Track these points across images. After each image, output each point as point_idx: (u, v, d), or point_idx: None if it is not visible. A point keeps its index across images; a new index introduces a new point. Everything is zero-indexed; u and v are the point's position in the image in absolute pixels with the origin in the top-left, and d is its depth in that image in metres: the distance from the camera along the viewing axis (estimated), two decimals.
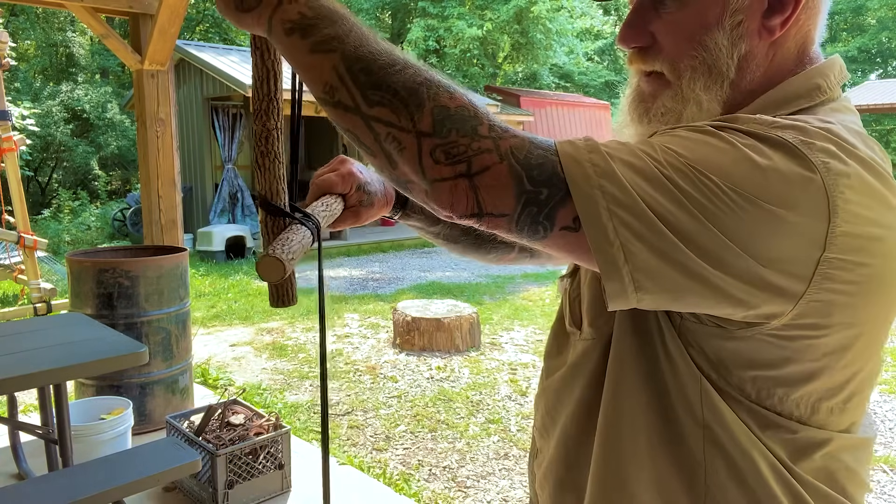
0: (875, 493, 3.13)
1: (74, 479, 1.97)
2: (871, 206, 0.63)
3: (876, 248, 0.64)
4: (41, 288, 5.00)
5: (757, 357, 0.68)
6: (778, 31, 0.72)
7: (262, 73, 0.81)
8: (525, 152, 0.62)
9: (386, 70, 0.64)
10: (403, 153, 0.63)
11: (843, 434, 0.73)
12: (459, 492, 3.13)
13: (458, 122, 0.62)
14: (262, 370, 4.99)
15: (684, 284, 0.61)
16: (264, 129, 0.81)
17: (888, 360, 5.08)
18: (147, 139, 3.94)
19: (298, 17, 0.67)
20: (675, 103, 0.75)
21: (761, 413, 0.69)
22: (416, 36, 17.00)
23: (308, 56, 0.67)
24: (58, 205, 13.34)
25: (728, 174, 0.60)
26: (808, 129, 0.64)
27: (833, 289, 0.63)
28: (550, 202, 0.61)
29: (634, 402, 0.74)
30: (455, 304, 5.85)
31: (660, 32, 0.75)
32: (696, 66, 0.73)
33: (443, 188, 0.63)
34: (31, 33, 18.20)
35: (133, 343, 2.30)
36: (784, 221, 0.60)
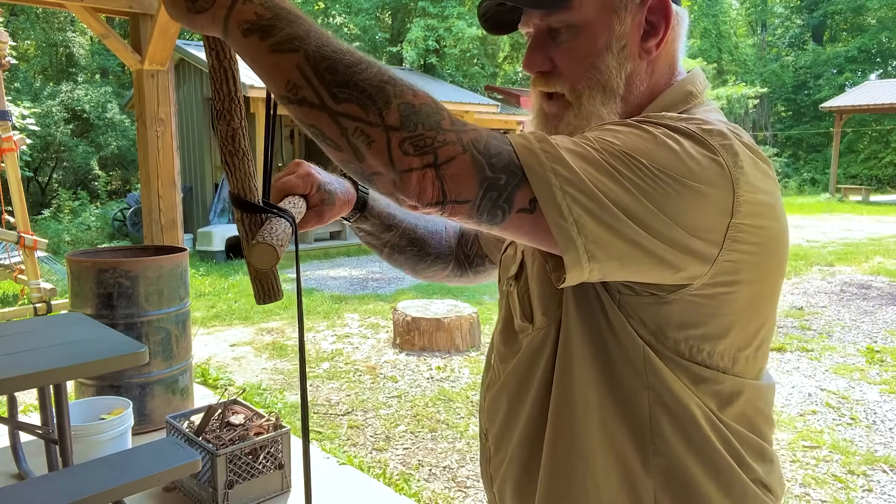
0: (875, 493, 3.13)
1: (74, 479, 1.97)
2: (759, 177, 0.76)
3: (769, 212, 0.77)
4: (41, 288, 4.99)
5: (687, 318, 0.78)
6: (654, 51, 0.85)
7: (219, 74, 0.81)
8: (484, 143, 0.68)
9: (352, 69, 0.67)
10: (372, 146, 0.66)
11: (755, 382, 0.85)
12: (459, 492, 3.13)
13: (423, 116, 0.67)
14: (262, 370, 4.99)
15: (627, 252, 0.70)
16: (229, 128, 0.81)
17: (888, 360, 5.08)
18: (147, 139, 3.94)
19: (255, 18, 0.68)
20: (578, 120, 0.85)
21: (694, 369, 0.81)
22: (416, 36, 17.01)
23: (269, 56, 0.68)
24: (58, 205, 13.34)
25: (653, 158, 0.71)
26: (703, 121, 0.76)
27: (740, 249, 0.75)
28: (509, 187, 0.68)
29: (584, 374, 0.83)
30: (455, 304, 5.85)
31: (558, 58, 0.86)
32: (593, 86, 0.84)
33: (411, 178, 0.67)
34: (31, 33, 18.20)
35: (133, 343, 2.30)
36: (701, 195, 0.71)
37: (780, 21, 32.06)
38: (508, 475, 0.93)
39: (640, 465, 0.82)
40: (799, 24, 30.67)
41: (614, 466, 0.83)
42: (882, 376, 4.74)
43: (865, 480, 3.25)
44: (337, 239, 11.26)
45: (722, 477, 0.83)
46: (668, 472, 0.82)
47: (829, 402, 4.26)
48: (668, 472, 0.82)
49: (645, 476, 0.82)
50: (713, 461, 0.82)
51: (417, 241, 1.18)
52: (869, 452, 3.54)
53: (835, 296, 7.30)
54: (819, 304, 6.95)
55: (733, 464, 0.83)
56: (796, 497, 3.10)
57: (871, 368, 4.91)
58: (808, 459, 3.47)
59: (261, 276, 0.80)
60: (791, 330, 5.98)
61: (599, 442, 0.83)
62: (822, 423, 3.94)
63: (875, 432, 3.81)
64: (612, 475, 0.83)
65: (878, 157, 25.06)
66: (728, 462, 0.83)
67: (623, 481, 0.83)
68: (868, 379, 4.69)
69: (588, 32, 0.83)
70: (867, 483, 3.23)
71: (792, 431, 3.82)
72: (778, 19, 32.19)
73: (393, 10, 20.62)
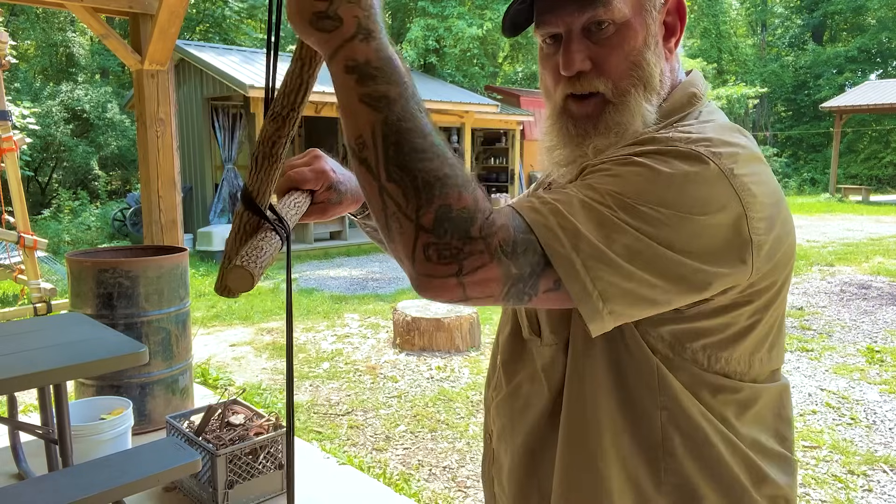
0: (875, 493, 3.13)
1: (74, 479, 1.97)
2: (764, 193, 0.77)
3: (776, 222, 0.78)
4: (41, 288, 4.99)
5: (704, 327, 0.80)
6: (673, 51, 0.89)
7: (295, 83, 0.79)
8: (512, 242, 0.68)
9: (415, 154, 0.66)
10: (402, 237, 0.67)
11: (770, 385, 0.87)
12: (459, 492, 3.13)
13: (455, 223, 0.66)
14: (262, 370, 4.99)
15: (656, 299, 0.73)
16: (276, 133, 0.80)
17: (888, 360, 5.08)
18: (147, 139, 3.94)
19: (363, 61, 0.68)
20: (621, 116, 0.84)
21: (712, 379, 0.82)
22: (416, 35, 17.00)
23: (356, 103, 0.68)
24: (58, 205, 13.34)
25: (664, 201, 0.72)
26: (713, 140, 0.77)
27: (763, 259, 0.77)
28: (534, 276, 0.70)
29: (597, 392, 0.84)
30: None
31: (599, 57, 0.84)
32: (637, 84, 0.84)
33: (429, 283, 0.68)
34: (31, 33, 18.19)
35: (133, 343, 2.30)
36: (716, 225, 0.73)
37: (780, 21, 32.05)
38: (510, 481, 0.94)
39: (651, 485, 0.83)
40: (799, 24, 30.65)
41: (627, 486, 0.84)
42: (882, 376, 4.74)
43: (865, 480, 3.25)
44: (337, 239, 11.26)
45: (732, 496, 0.83)
46: (679, 490, 0.82)
47: (829, 402, 4.26)
48: (679, 491, 0.82)
49: (656, 495, 0.83)
50: (724, 480, 0.83)
51: None
52: (869, 452, 3.54)
53: (835, 296, 7.30)
54: (819, 304, 6.95)
55: (745, 483, 0.83)
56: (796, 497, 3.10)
57: (871, 368, 4.91)
58: (808, 459, 3.47)
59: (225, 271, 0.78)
60: (791, 330, 5.98)
61: (612, 461, 0.84)
62: (822, 423, 3.94)
63: (875, 432, 3.81)
64: (626, 495, 0.84)
65: (878, 157, 25.06)
66: (740, 482, 0.83)
67: (636, 500, 0.84)
68: (868, 379, 4.69)
69: (629, 29, 0.84)
70: (867, 483, 3.23)
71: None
72: (778, 19, 32.17)
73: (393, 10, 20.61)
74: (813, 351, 5.35)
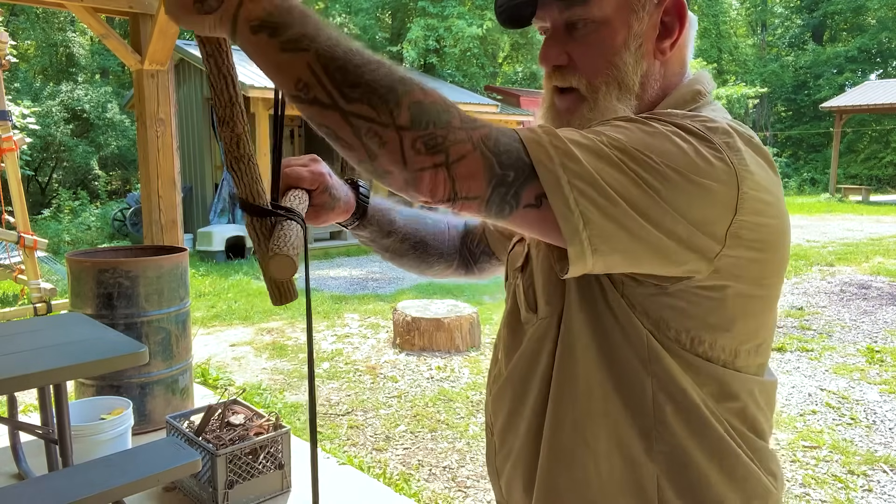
0: (875, 493, 3.13)
1: (74, 479, 1.97)
2: (762, 176, 0.77)
3: (771, 210, 0.78)
4: (41, 288, 4.99)
5: (688, 310, 0.80)
6: (668, 51, 0.87)
7: (219, 81, 0.80)
8: (493, 140, 0.69)
9: (362, 68, 0.66)
10: (385, 147, 0.67)
11: (755, 377, 0.86)
12: (459, 492, 3.13)
13: (433, 115, 0.67)
14: (262, 370, 4.99)
15: (631, 245, 0.72)
16: (233, 134, 0.81)
17: (888, 360, 5.08)
18: (147, 139, 3.94)
19: (265, 15, 0.68)
20: (593, 114, 0.85)
21: (694, 361, 0.82)
22: (416, 35, 17.00)
23: (278, 54, 0.68)
24: (58, 205, 13.35)
25: (661, 153, 0.72)
26: (709, 119, 0.78)
27: (742, 245, 0.76)
28: (517, 183, 0.70)
29: (587, 362, 0.84)
30: (455, 304, 5.85)
31: (575, 53, 0.86)
32: (609, 82, 0.85)
33: (423, 177, 0.68)
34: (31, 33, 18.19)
35: (133, 343, 2.30)
36: (707, 191, 0.72)
37: (780, 21, 32.05)
38: (517, 468, 0.94)
39: (642, 452, 0.83)
40: (799, 24, 30.65)
41: (617, 453, 0.84)
42: (882, 376, 4.74)
43: (865, 480, 3.25)
44: (337, 239, 11.25)
45: (726, 462, 0.84)
46: (670, 458, 0.83)
47: (829, 402, 4.26)
48: (670, 459, 0.83)
49: (648, 462, 0.83)
50: (716, 447, 0.83)
51: (419, 245, 1.18)
52: (869, 452, 3.54)
53: (835, 296, 7.30)
54: (819, 304, 6.95)
55: (737, 449, 0.84)
56: (796, 497, 3.10)
57: (871, 368, 4.91)
58: (808, 459, 3.47)
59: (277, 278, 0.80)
60: (791, 330, 5.98)
61: (602, 429, 0.84)
62: (822, 423, 3.94)
63: (875, 432, 3.81)
64: (615, 461, 0.84)
65: (878, 157, 25.06)
66: (731, 447, 0.84)
67: (625, 467, 0.84)
68: (868, 379, 4.69)
69: (607, 29, 0.85)
70: (867, 483, 3.23)
71: (792, 431, 3.82)
72: (778, 19, 32.17)
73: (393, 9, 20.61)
74: (813, 351, 5.35)
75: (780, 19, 32.07)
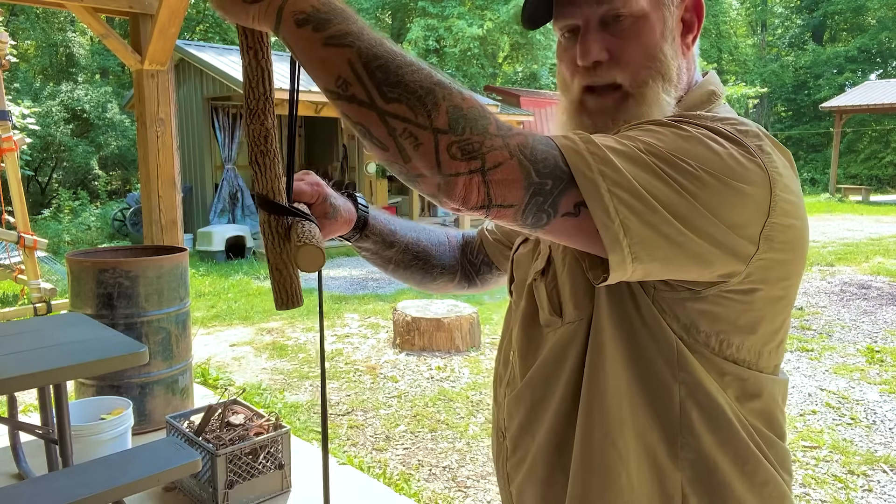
0: (875, 493, 3.13)
1: (74, 479, 1.97)
2: (790, 177, 0.78)
3: (796, 211, 0.78)
4: (41, 288, 5.00)
5: (720, 313, 0.80)
6: (690, 47, 0.89)
7: (256, 73, 0.80)
8: (530, 148, 0.68)
9: (403, 69, 0.66)
10: (419, 148, 0.66)
11: (773, 377, 0.87)
12: (459, 492, 3.13)
13: (471, 120, 0.66)
14: (262, 370, 4.99)
15: (671, 252, 0.72)
16: (262, 128, 0.81)
17: (888, 360, 5.08)
18: (147, 139, 3.94)
19: (311, 10, 0.69)
20: (641, 109, 0.85)
21: (720, 364, 0.82)
22: (416, 35, 17.00)
23: (321, 49, 0.68)
24: (58, 205, 13.35)
25: (697, 157, 0.72)
26: (739, 122, 0.78)
27: (773, 247, 0.76)
28: (555, 192, 0.69)
29: (616, 368, 0.83)
30: (455, 304, 5.85)
31: (617, 48, 0.85)
32: (654, 76, 0.85)
33: (457, 182, 0.67)
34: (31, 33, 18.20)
35: (133, 343, 2.30)
36: (742, 194, 0.72)
37: (780, 21, 32.05)
38: (532, 474, 0.92)
39: (668, 459, 0.83)
40: (799, 24, 30.65)
41: (644, 461, 0.84)
42: (882, 376, 4.74)
43: (865, 480, 3.25)
44: (337, 239, 11.24)
45: (748, 467, 0.84)
46: (695, 465, 0.83)
47: (829, 402, 4.26)
48: (695, 465, 0.83)
49: (673, 469, 0.83)
50: (740, 452, 0.83)
51: (421, 255, 1.17)
52: (869, 452, 3.54)
53: (835, 296, 7.30)
54: (819, 304, 6.95)
55: (758, 453, 0.84)
56: (796, 497, 3.10)
57: (871, 368, 4.91)
58: (808, 459, 3.47)
59: (284, 281, 0.79)
60: (791, 330, 5.96)
61: (631, 436, 0.84)
62: (822, 423, 3.94)
63: (875, 432, 3.81)
64: (643, 469, 0.84)
65: (878, 157, 25.06)
66: (753, 452, 0.84)
67: (652, 475, 0.84)
68: (868, 379, 4.69)
69: (646, 22, 0.85)
70: (867, 483, 3.23)
71: (792, 431, 3.82)
72: (778, 19, 32.18)
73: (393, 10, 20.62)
74: (813, 351, 5.35)
75: (780, 19, 32.08)
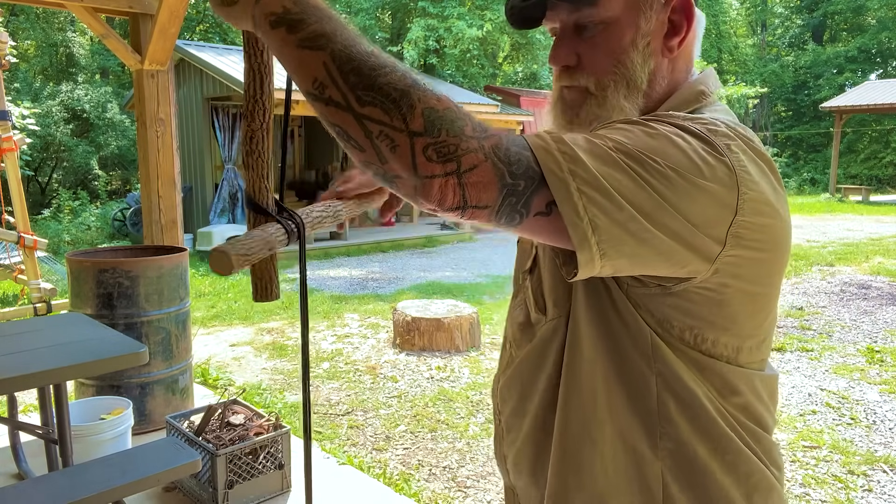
0: (875, 493, 3.13)
1: (74, 479, 1.97)
2: (761, 176, 0.78)
3: (771, 210, 0.78)
4: (41, 288, 4.99)
5: (690, 309, 0.81)
6: (675, 49, 0.88)
7: (249, 75, 0.82)
8: (504, 150, 0.69)
9: (376, 72, 0.66)
10: (396, 151, 0.66)
11: (758, 372, 0.88)
12: (459, 492, 3.13)
13: (447, 122, 0.67)
14: (262, 370, 4.99)
15: (638, 249, 0.72)
16: (248, 129, 0.83)
17: (888, 360, 5.08)
18: (147, 139, 3.94)
19: (282, 11, 0.69)
20: (601, 111, 0.87)
21: (697, 357, 0.83)
22: (416, 36, 16.99)
23: (296, 51, 0.69)
24: (58, 205, 13.34)
25: (664, 155, 0.72)
26: (710, 121, 0.78)
27: (743, 245, 0.76)
28: (527, 192, 0.70)
29: (593, 360, 0.86)
30: (455, 304, 5.85)
31: (585, 54, 0.88)
32: (618, 80, 0.86)
33: (433, 184, 0.67)
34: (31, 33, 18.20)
35: (133, 343, 2.30)
36: (708, 193, 0.73)
37: (780, 21, 32.04)
38: (523, 453, 0.97)
39: (647, 448, 0.85)
40: (799, 24, 30.64)
41: (622, 449, 0.86)
42: (882, 376, 4.74)
43: (865, 480, 3.25)
44: (337, 239, 11.25)
45: (728, 457, 0.85)
46: (675, 454, 0.84)
47: (829, 402, 4.26)
48: (675, 455, 0.84)
49: (653, 458, 0.85)
50: (720, 443, 0.85)
51: None
52: (869, 452, 3.54)
53: (835, 296, 7.30)
54: (819, 304, 6.95)
55: (741, 445, 0.86)
56: (796, 497, 3.10)
57: (871, 368, 4.91)
58: (808, 459, 3.47)
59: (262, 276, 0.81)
60: (791, 330, 5.98)
61: (608, 426, 0.86)
62: (822, 423, 3.94)
63: (875, 432, 3.81)
64: (620, 458, 0.86)
65: (878, 157, 25.06)
66: (735, 444, 0.85)
67: (630, 463, 0.86)
68: (868, 379, 4.69)
69: (615, 29, 0.86)
70: (867, 483, 3.23)
71: (792, 431, 3.82)
72: (778, 19, 32.17)
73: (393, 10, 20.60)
74: (813, 351, 5.34)
75: (780, 19, 32.06)
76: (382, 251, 11.27)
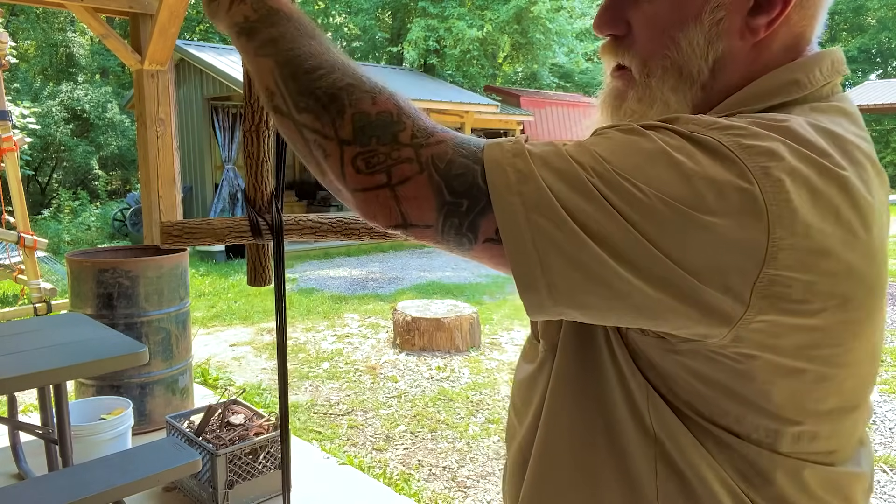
0: (875, 493, 3.13)
1: (74, 479, 1.97)
2: (820, 215, 0.55)
3: (833, 265, 0.56)
4: (41, 288, 5.00)
5: (704, 372, 0.61)
6: (763, 31, 0.65)
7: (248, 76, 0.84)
8: (447, 161, 0.58)
9: (310, 75, 0.62)
10: (328, 160, 0.61)
11: (816, 465, 0.64)
12: (459, 492, 3.13)
13: (378, 129, 0.59)
14: (262, 370, 4.99)
15: (605, 301, 0.56)
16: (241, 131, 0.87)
17: (888, 361, 5.08)
18: (147, 139, 3.94)
19: (243, 20, 0.68)
20: (640, 106, 0.70)
21: (716, 433, 0.62)
22: (416, 36, 17.00)
23: (254, 60, 0.67)
24: (58, 205, 13.34)
25: (653, 179, 0.54)
26: (749, 130, 0.57)
27: (782, 309, 0.55)
28: (471, 214, 0.58)
29: (574, 410, 0.70)
30: (455, 304, 5.85)
31: (636, 22, 0.69)
32: (667, 67, 0.68)
33: (365, 198, 0.60)
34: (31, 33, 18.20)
35: (133, 343, 2.30)
36: (713, 230, 0.53)
37: None
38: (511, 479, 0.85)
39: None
40: None
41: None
42: (882, 376, 4.74)
43: None
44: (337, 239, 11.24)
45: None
46: None
47: None
48: None
49: None
50: None
51: None
52: None
53: None
54: None
55: None
56: None
57: None
58: None
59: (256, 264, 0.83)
60: None
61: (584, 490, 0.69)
62: None
63: (875, 432, 3.81)
64: None
65: (879, 157, 25.05)
66: None
67: None
68: None
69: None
70: None
71: None
72: None
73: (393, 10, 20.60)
74: None
75: None
76: (382, 251, 11.27)
